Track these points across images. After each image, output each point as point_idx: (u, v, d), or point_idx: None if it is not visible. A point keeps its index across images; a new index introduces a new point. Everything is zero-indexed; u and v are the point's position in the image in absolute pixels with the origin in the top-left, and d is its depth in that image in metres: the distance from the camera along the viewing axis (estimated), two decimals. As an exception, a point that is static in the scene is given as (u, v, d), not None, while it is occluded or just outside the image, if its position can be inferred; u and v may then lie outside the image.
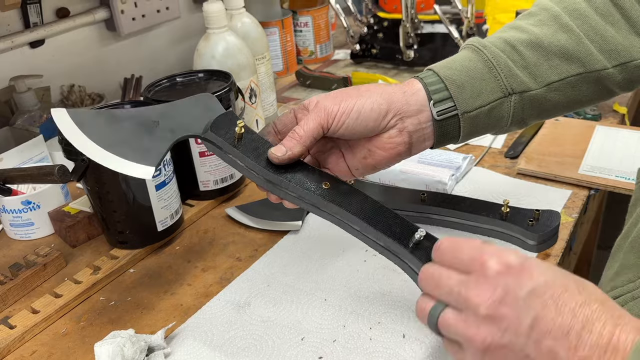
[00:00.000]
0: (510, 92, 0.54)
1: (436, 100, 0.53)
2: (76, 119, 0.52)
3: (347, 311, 0.58)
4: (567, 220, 0.70)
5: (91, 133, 0.52)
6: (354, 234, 0.52)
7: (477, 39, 0.57)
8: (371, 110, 0.53)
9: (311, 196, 0.52)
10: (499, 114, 0.55)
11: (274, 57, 1.21)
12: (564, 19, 0.54)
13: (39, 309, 0.61)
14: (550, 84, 0.54)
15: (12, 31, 0.93)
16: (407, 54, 1.19)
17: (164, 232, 0.71)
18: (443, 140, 0.56)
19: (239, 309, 0.60)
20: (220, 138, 0.53)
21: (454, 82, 0.53)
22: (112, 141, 0.52)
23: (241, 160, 0.53)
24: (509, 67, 0.54)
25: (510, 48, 0.54)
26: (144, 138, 0.53)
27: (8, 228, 0.76)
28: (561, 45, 0.54)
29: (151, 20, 1.10)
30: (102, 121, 0.53)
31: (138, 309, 0.62)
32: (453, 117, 0.54)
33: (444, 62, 0.56)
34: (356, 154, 0.56)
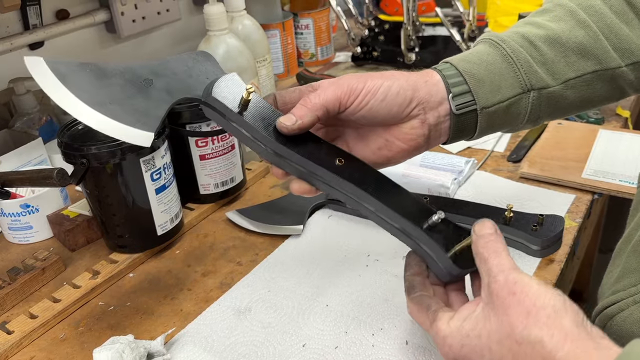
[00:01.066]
0: (529, 89, 0.52)
1: (455, 93, 0.51)
2: (57, 70, 0.44)
3: (349, 317, 0.58)
4: (570, 225, 0.69)
5: (76, 89, 0.43)
6: (367, 215, 0.48)
7: (494, 33, 0.55)
8: (397, 95, 0.49)
9: (324, 173, 0.47)
10: (516, 111, 0.53)
11: (275, 59, 1.21)
12: (581, 14, 0.54)
13: (37, 313, 0.61)
14: (567, 81, 0.53)
15: (12, 33, 0.92)
16: (408, 56, 1.19)
17: (163, 236, 0.70)
18: (458, 135, 0.53)
19: (240, 315, 0.60)
20: (223, 103, 0.47)
21: (474, 76, 0.51)
22: (101, 99, 0.44)
23: (247, 129, 0.47)
24: (529, 62, 0.52)
25: (529, 43, 0.53)
26: (137, 98, 0.46)
27: (6, 231, 0.76)
28: (579, 41, 0.53)
29: (151, 22, 1.10)
30: (88, 75, 0.45)
31: (137, 314, 0.61)
32: (471, 112, 0.52)
33: (461, 55, 0.53)
34: (370, 144, 0.52)
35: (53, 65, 0.44)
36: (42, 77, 0.43)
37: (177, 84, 0.49)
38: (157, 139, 0.65)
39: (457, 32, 1.14)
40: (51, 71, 0.43)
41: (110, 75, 0.46)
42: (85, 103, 0.43)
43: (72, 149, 0.62)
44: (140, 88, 0.47)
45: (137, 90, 0.46)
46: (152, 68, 0.49)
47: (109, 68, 0.47)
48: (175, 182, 0.71)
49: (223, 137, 0.75)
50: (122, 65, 0.48)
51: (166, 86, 0.48)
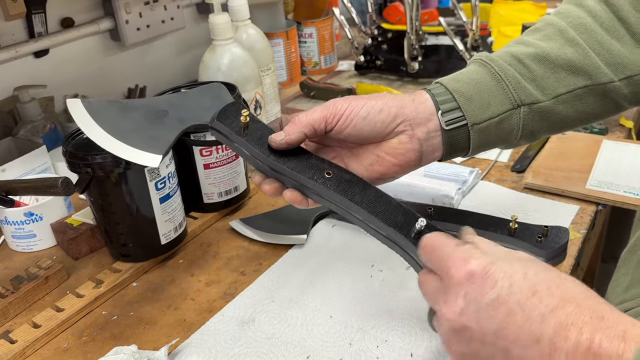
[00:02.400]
0: (519, 104, 0.54)
1: (444, 110, 0.53)
2: (90, 109, 0.54)
3: (353, 328, 0.57)
4: (575, 236, 0.69)
5: (103, 122, 0.53)
6: (357, 223, 0.52)
7: (485, 53, 0.57)
8: (380, 112, 0.52)
9: (314, 185, 0.51)
10: (508, 126, 0.55)
11: (278, 67, 1.21)
12: (570, 33, 0.55)
13: (40, 323, 0.60)
14: (558, 96, 0.54)
15: (17, 41, 0.93)
16: (411, 65, 1.19)
17: (167, 245, 0.70)
18: (452, 151, 0.55)
19: (243, 325, 0.59)
20: (226, 127, 0.54)
21: (463, 95, 0.53)
22: (122, 130, 0.53)
23: (246, 148, 0.53)
24: (517, 79, 0.54)
25: (517, 61, 0.55)
26: (152, 127, 0.54)
27: (10, 240, 0.76)
28: (568, 58, 0.54)
29: (156, 31, 1.10)
30: (114, 111, 0.55)
31: (141, 324, 0.61)
32: (462, 127, 0.53)
33: (451, 75, 0.56)
34: (362, 161, 0.55)
35: (87, 104, 0.54)
36: (78, 115, 0.53)
37: (189, 112, 0.56)
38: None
39: (460, 41, 1.14)
40: (85, 110, 0.54)
41: (133, 109, 0.55)
42: (110, 134, 0.53)
43: (76, 158, 0.62)
44: (157, 117, 0.55)
45: (153, 120, 0.55)
46: (170, 100, 0.57)
47: (133, 103, 0.57)
48: (179, 191, 0.71)
49: (227, 146, 0.75)
50: (145, 100, 0.58)
51: (179, 115, 0.56)
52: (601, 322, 0.34)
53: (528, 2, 1.49)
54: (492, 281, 0.37)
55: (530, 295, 0.36)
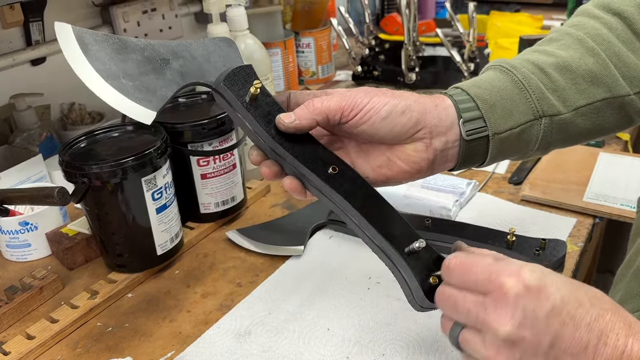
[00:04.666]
0: (541, 115, 0.52)
1: (466, 119, 0.50)
2: (81, 39, 0.46)
3: (351, 342, 0.57)
4: (572, 249, 0.69)
5: (94, 59, 0.45)
6: (352, 227, 0.49)
7: (503, 59, 0.55)
8: (402, 114, 0.49)
9: (315, 179, 0.48)
10: (528, 137, 0.52)
11: (276, 77, 1.21)
12: (589, 42, 0.54)
13: (34, 334, 0.60)
14: (578, 109, 0.53)
15: (14, 49, 0.93)
16: (409, 76, 1.19)
17: (163, 256, 0.69)
18: (467, 162, 0.52)
19: (240, 338, 0.59)
20: (232, 94, 0.48)
21: (486, 102, 0.51)
22: (114, 73, 0.46)
23: (250, 122, 0.48)
24: (540, 89, 0.52)
25: (539, 70, 0.53)
26: (150, 76, 0.47)
27: (4, 249, 0.75)
28: (589, 68, 0.53)
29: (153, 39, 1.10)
30: (109, 48, 0.47)
31: (136, 335, 0.61)
32: (481, 138, 0.51)
33: (470, 81, 0.53)
34: (371, 161, 0.52)
35: (78, 33, 0.46)
36: (65, 42, 0.45)
37: (192, 67, 0.49)
38: (160, 158, 0.65)
39: (457, 52, 1.14)
40: (75, 38, 0.45)
41: (131, 50, 0.47)
42: (99, 74, 0.45)
43: (73, 168, 0.62)
44: (155, 66, 0.47)
45: (151, 69, 0.47)
46: (172, 48, 0.50)
47: (131, 43, 0.48)
48: (176, 202, 0.70)
49: (224, 156, 0.75)
50: (145, 41, 0.49)
51: (181, 68, 0.49)
52: (630, 329, 0.37)
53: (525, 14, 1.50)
54: (546, 293, 0.38)
55: (577, 305, 0.38)
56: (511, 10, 1.61)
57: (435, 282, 0.46)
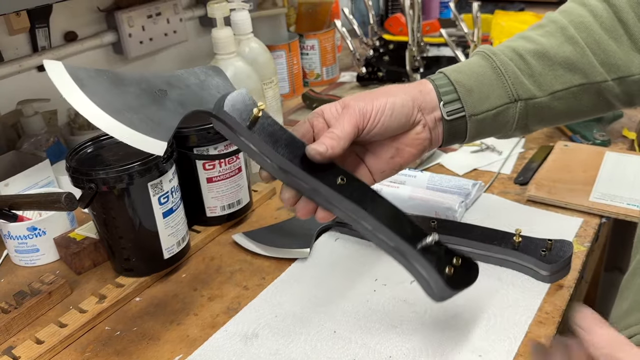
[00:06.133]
0: (516, 99, 0.56)
1: (446, 101, 0.55)
2: (75, 76, 0.45)
3: (357, 344, 0.57)
4: (579, 249, 0.69)
5: (93, 94, 0.45)
6: (364, 233, 0.51)
7: (488, 46, 0.59)
8: (402, 107, 0.53)
9: (326, 190, 0.49)
10: (504, 119, 0.57)
11: (281, 79, 1.22)
12: (570, 31, 0.57)
13: (43, 339, 0.60)
14: (554, 93, 0.57)
15: (20, 55, 0.93)
16: (413, 77, 1.19)
17: (170, 260, 0.70)
18: (451, 140, 0.58)
19: (247, 341, 0.59)
20: (234, 118, 0.49)
21: (464, 86, 0.55)
22: (117, 107, 0.45)
23: (255, 144, 0.49)
24: (516, 74, 0.56)
25: (518, 57, 0.57)
26: (152, 108, 0.47)
27: (13, 254, 0.76)
28: (566, 56, 0.56)
29: (158, 44, 1.11)
30: (104, 82, 0.46)
31: (144, 339, 0.61)
32: (461, 118, 0.56)
33: (454, 66, 0.58)
34: (381, 156, 0.56)
35: (72, 70, 0.45)
36: (60, 80, 0.44)
37: (190, 96, 0.50)
38: (166, 162, 0.65)
39: (461, 52, 1.14)
40: (69, 75, 0.44)
41: (127, 83, 0.47)
42: (101, 109, 0.44)
43: (80, 174, 0.63)
44: (154, 98, 0.48)
45: (151, 100, 0.47)
46: (166, 79, 0.50)
47: (126, 76, 0.48)
48: (182, 205, 0.71)
49: (230, 159, 0.75)
50: (138, 74, 0.49)
51: (179, 98, 0.49)
52: None
53: (529, 13, 1.50)
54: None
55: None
56: (516, 9, 1.61)
57: (450, 273, 0.49)
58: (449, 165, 0.89)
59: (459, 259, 0.50)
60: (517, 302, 0.61)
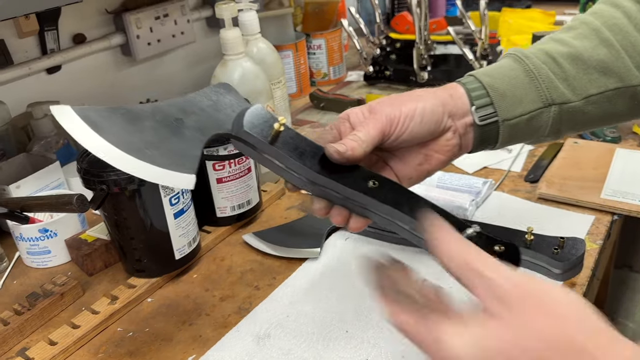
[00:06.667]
0: (550, 103, 0.54)
1: (478, 105, 0.53)
2: (87, 119, 0.42)
3: (370, 344, 0.57)
4: (591, 247, 0.68)
5: (110, 135, 0.42)
6: (401, 233, 0.49)
7: (519, 49, 0.57)
8: (432, 113, 0.51)
9: (360, 197, 0.48)
10: (537, 124, 0.55)
11: (288, 79, 1.22)
12: (605, 33, 0.55)
13: (56, 340, 0.61)
14: (588, 97, 0.55)
15: (30, 57, 0.94)
16: (421, 75, 1.19)
17: (181, 260, 0.70)
18: (481, 145, 0.56)
19: (259, 341, 0.59)
20: (255, 136, 0.47)
21: (496, 90, 0.53)
22: (137, 145, 0.43)
23: (281, 160, 0.48)
24: (550, 78, 0.54)
25: (551, 60, 0.55)
26: (172, 140, 0.45)
27: (25, 256, 0.76)
28: (600, 59, 0.54)
29: (166, 45, 1.11)
30: (119, 120, 0.44)
31: (157, 340, 0.61)
32: (493, 123, 0.54)
33: (485, 69, 0.56)
34: (409, 163, 0.54)
35: (82, 112, 0.42)
36: (72, 125, 0.42)
37: (206, 120, 0.48)
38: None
39: (469, 50, 1.14)
40: (81, 119, 0.42)
41: (141, 118, 0.45)
42: (121, 150, 0.42)
43: (91, 175, 0.63)
44: (172, 129, 0.46)
45: (170, 132, 0.46)
46: (180, 106, 0.48)
47: (139, 110, 0.46)
48: (192, 206, 0.71)
49: (240, 160, 0.75)
50: (150, 106, 0.47)
51: (196, 124, 0.47)
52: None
53: (537, 10, 1.49)
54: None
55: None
56: (522, 6, 1.60)
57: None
58: (459, 163, 0.89)
59: (501, 246, 0.49)
60: (530, 300, 0.60)
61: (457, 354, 0.34)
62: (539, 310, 0.33)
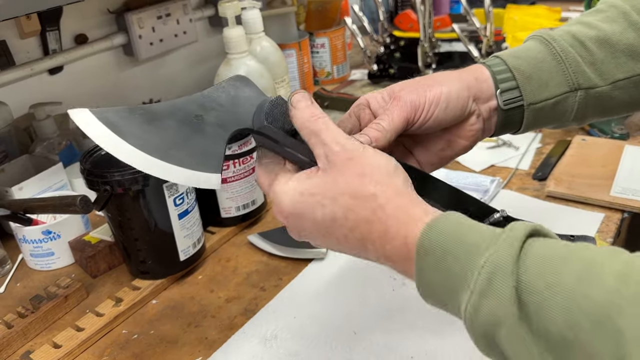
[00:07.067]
0: (576, 88, 0.53)
1: (503, 89, 0.52)
2: (106, 120, 0.41)
3: (378, 345, 0.56)
4: (602, 245, 0.67)
5: (131, 137, 0.41)
6: None
7: (545, 30, 0.56)
8: (457, 98, 0.50)
9: None
10: (563, 108, 0.54)
11: (291, 78, 1.21)
12: (634, 16, 0.54)
13: (61, 343, 0.60)
14: (616, 82, 0.54)
15: (32, 58, 0.93)
16: (425, 73, 1.18)
17: (186, 262, 0.69)
18: (503, 129, 0.55)
19: (266, 342, 0.58)
20: (277, 131, 0.46)
21: (522, 73, 0.52)
22: (161, 146, 0.42)
23: (303, 153, 0.46)
24: (577, 62, 0.53)
25: (579, 43, 0.54)
26: (195, 138, 0.44)
27: (28, 258, 0.75)
28: (629, 43, 0.53)
29: (169, 45, 1.10)
30: (138, 121, 0.43)
31: (162, 342, 0.61)
32: (517, 107, 0.53)
33: (510, 51, 0.54)
34: (431, 149, 0.53)
35: (101, 115, 0.41)
36: (92, 128, 0.40)
37: (226, 115, 0.47)
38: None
39: (474, 47, 1.13)
40: (100, 121, 0.41)
41: (161, 116, 0.44)
42: (144, 152, 0.41)
43: (95, 176, 0.62)
44: (193, 127, 0.45)
45: (192, 130, 0.44)
46: (199, 102, 0.47)
47: (157, 109, 0.45)
48: (197, 207, 0.70)
49: (244, 159, 0.74)
50: (169, 104, 0.46)
51: (217, 120, 0.46)
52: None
53: (542, 7, 1.48)
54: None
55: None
56: (527, 2, 1.59)
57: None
58: (466, 161, 0.88)
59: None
60: (541, 300, 0.60)
61: (280, 198, 0.43)
62: (354, 170, 0.41)
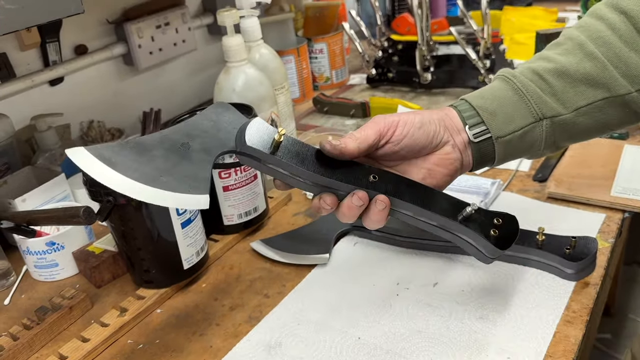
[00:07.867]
0: (541, 117, 0.56)
1: (471, 124, 0.56)
2: (101, 156, 0.46)
3: (383, 350, 0.56)
4: (603, 245, 0.68)
5: (124, 169, 0.46)
6: (405, 219, 0.53)
7: (507, 70, 0.59)
8: (430, 122, 0.55)
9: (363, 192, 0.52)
10: (532, 138, 0.57)
11: (291, 84, 1.21)
12: (589, 47, 0.56)
13: (66, 354, 0.60)
14: (578, 109, 0.56)
15: (32, 70, 0.94)
16: (424, 76, 1.18)
17: (190, 270, 0.69)
18: (481, 163, 0.58)
19: (270, 350, 0.59)
20: (259, 149, 0.50)
21: (486, 110, 0.56)
22: (152, 175, 0.47)
23: (284, 168, 0.51)
24: (538, 94, 0.56)
25: (538, 77, 0.57)
26: (182, 165, 0.49)
27: (32, 269, 0.76)
28: (586, 72, 0.56)
29: (168, 54, 1.11)
30: (130, 154, 0.48)
31: (167, 352, 0.61)
32: (488, 140, 0.56)
33: (475, 92, 0.59)
34: (413, 177, 0.57)
35: (96, 151, 0.46)
36: (88, 165, 0.45)
37: (210, 141, 0.51)
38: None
39: (472, 50, 1.13)
40: (96, 157, 0.45)
41: (151, 147, 0.49)
42: (139, 182, 0.46)
43: (98, 187, 0.62)
44: (181, 154, 0.49)
45: (179, 157, 0.49)
46: (184, 131, 0.52)
47: (147, 141, 0.49)
48: (200, 215, 0.70)
49: (245, 167, 0.75)
50: (157, 135, 0.51)
51: (202, 146, 0.51)
52: None
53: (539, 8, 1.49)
54: None
55: None
56: (524, 4, 1.60)
57: (496, 234, 0.51)
58: (465, 164, 0.88)
59: (499, 218, 0.52)
60: (543, 301, 0.60)
61: None
62: None
